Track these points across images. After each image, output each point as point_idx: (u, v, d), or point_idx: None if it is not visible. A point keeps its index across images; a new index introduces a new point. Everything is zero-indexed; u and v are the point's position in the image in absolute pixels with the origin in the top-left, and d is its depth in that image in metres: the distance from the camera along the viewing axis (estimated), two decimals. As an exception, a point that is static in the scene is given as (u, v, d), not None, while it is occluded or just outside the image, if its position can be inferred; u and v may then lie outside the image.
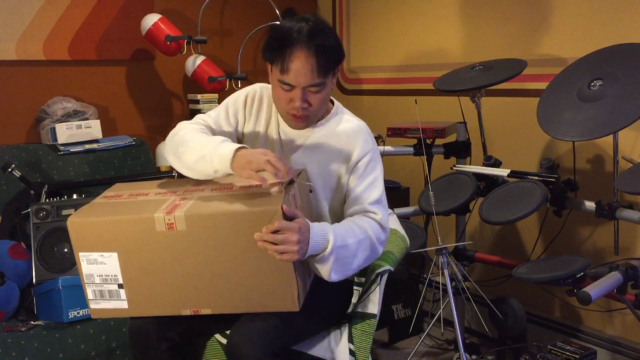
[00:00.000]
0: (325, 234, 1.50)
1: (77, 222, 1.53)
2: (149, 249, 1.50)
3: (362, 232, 1.60)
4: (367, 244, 1.60)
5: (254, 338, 1.51)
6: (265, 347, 1.50)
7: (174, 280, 1.52)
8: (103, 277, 1.55)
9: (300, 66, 1.55)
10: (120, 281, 1.54)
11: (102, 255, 1.53)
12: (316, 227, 1.49)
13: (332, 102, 1.78)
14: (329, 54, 1.58)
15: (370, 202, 1.66)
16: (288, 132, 1.74)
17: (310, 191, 1.67)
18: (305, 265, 1.55)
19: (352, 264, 1.58)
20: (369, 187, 1.68)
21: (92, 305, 1.59)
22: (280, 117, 1.73)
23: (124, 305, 1.57)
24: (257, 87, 1.78)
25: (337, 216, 1.74)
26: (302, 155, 1.72)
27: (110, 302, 1.57)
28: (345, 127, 1.73)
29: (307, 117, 1.65)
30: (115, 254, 1.52)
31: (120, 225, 1.50)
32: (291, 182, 1.52)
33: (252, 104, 1.76)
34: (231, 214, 1.45)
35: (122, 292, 1.55)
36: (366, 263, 1.64)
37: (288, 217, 1.43)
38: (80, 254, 1.54)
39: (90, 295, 1.58)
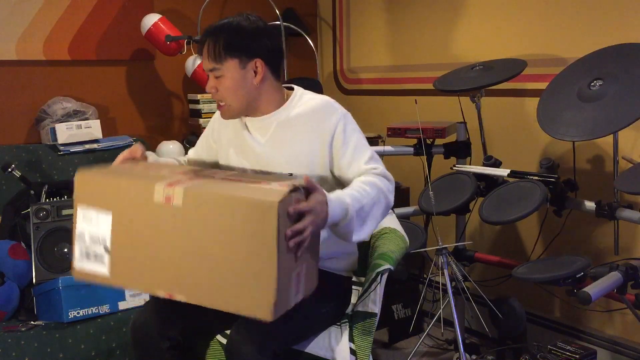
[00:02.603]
0: (342, 202, 1.50)
1: (84, 175, 1.53)
2: (141, 219, 1.47)
3: (372, 188, 1.60)
4: (381, 198, 1.61)
5: (253, 338, 1.51)
6: (264, 347, 1.51)
7: (157, 257, 1.47)
8: (93, 237, 1.51)
9: (204, 51, 1.69)
10: (108, 245, 1.50)
11: (97, 214, 1.50)
12: (333, 199, 1.49)
13: (292, 89, 1.79)
14: (225, 38, 1.65)
15: (365, 162, 1.67)
16: (253, 126, 1.76)
17: None
18: (295, 281, 1.49)
19: (370, 221, 1.60)
20: (356, 150, 1.68)
21: (76, 264, 1.54)
22: (245, 124, 1.78)
23: (105, 271, 1.51)
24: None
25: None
26: (276, 148, 1.72)
27: (94, 265, 1.52)
28: (307, 107, 1.73)
29: (222, 104, 1.71)
30: (110, 216, 1.49)
31: (122, 187, 1.49)
32: (297, 189, 1.47)
33: (213, 128, 1.88)
34: (227, 197, 1.42)
35: (107, 257, 1.50)
36: (382, 217, 1.66)
37: (308, 191, 1.45)
38: (79, 207, 1.52)
39: (77, 253, 1.53)
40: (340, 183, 1.72)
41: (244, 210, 1.39)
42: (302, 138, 1.70)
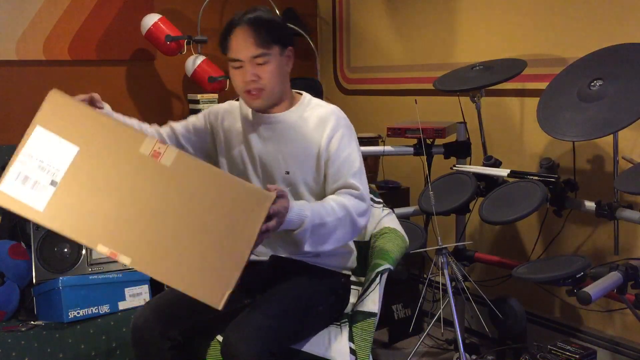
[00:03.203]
0: (301, 213, 1.55)
1: (62, 97, 1.38)
2: (114, 165, 1.35)
3: (341, 210, 1.64)
4: (347, 221, 1.65)
5: (249, 336, 1.51)
6: (261, 345, 1.50)
7: (114, 209, 1.35)
8: (42, 164, 1.34)
9: (242, 40, 1.67)
10: (58, 179, 1.33)
11: (60, 142, 1.34)
12: (295, 208, 1.54)
13: (301, 94, 1.84)
14: (266, 26, 1.67)
15: (351, 176, 1.70)
16: (259, 122, 1.78)
17: None
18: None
19: (329, 239, 1.64)
20: (345, 161, 1.71)
21: (3, 185, 1.34)
22: (248, 115, 1.79)
23: (39, 206, 1.33)
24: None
25: (320, 199, 1.75)
26: (275, 145, 1.76)
27: (26, 193, 1.33)
28: (315, 112, 1.78)
29: (261, 92, 1.70)
30: (75, 150, 1.34)
31: (106, 126, 1.37)
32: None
33: (218, 115, 1.87)
34: (223, 175, 1.43)
35: (50, 191, 1.33)
36: (348, 238, 1.71)
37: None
38: (39, 126, 1.35)
39: (10, 173, 1.34)
40: None
41: (238, 193, 1.37)
42: (304, 141, 1.74)
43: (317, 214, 1.58)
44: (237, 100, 1.88)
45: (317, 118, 1.76)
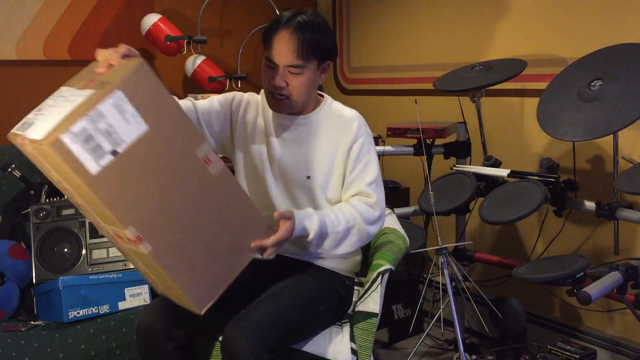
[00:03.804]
0: (306, 229, 1.60)
1: (147, 70, 1.32)
2: (172, 156, 1.35)
3: (351, 217, 1.66)
4: (356, 230, 1.68)
5: (248, 333, 1.50)
6: (259, 342, 1.50)
7: (157, 198, 1.35)
8: (111, 129, 1.25)
9: (283, 44, 1.63)
10: (120, 151, 1.26)
11: (135, 116, 1.27)
12: (299, 225, 1.59)
13: (322, 96, 1.82)
14: (313, 42, 1.64)
15: (366, 184, 1.71)
16: (280, 122, 1.77)
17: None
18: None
19: (337, 247, 1.68)
20: (364, 169, 1.73)
21: (65, 136, 1.21)
22: (269, 114, 1.78)
23: (93, 170, 1.24)
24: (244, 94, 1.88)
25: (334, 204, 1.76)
26: (296, 146, 1.75)
27: (86, 154, 1.23)
28: (337, 116, 1.77)
29: (285, 100, 1.68)
30: (145, 129, 1.28)
31: (178, 117, 1.36)
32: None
33: (241, 106, 1.83)
34: (248, 202, 1.53)
35: (108, 160, 1.25)
36: (358, 245, 1.74)
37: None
38: (119, 92, 1.25)
39: (78, 126, 1.22)
40: None
41: (251, 221, 1.51)
42: (325, 145, 1.74)
43: (324, 225, 1.62)
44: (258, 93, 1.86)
45: (339, 123, 1.75)
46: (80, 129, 1.22)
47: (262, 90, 1.79)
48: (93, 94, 1.27)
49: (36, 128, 1.29)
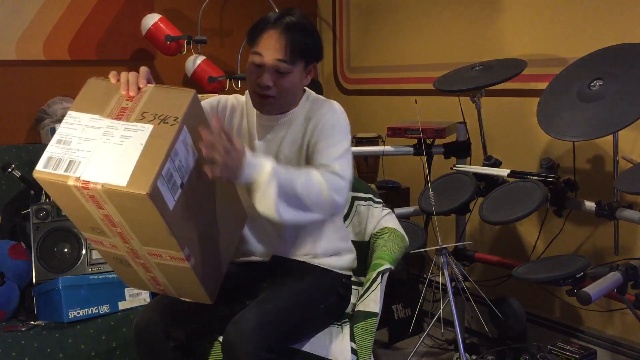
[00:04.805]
0: (261, 161, 1.46)
1: (198, 102, 1.37)
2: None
3: (315, 175, 1.54)
4: (319, 188, 1.53)
5: (248, 333, 1.50)
6: (260, 342, 1.50)
7: (200, 225, 1.48)
8: (182, 164, 1.30)
9: (270, 43, 1.62)
10: (185, 182, 1.34)
11: (192, 146, 1.32)
12: (250, 155, 1.45)
13: (304, 91, 1.79)
14: (300, 39, 1.63)
15: (332, 159, 1.61)
16: (263, 124, 1.75)
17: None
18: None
19: (303, 202, 1.51)
20: (332, 146, 1.64)
21: (157, 182, 1.24)
22: (253, 114, 1.76)
23: (170, 203, 1.29)
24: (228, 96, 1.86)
25: None
26: (276, 146, 1.73)
27: (168, 192, 1.28)
28: (311, 109, 1.74)
29: (271, 99, 1.66)
30: (197, 156, 1.34)
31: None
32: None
33: (227, 109, 1.81)
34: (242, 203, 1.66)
35: (178, 193, 1.31)
36: (322, 208, 1.55)
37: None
38: (185, 128, 1.31)
39: (164, 170, 1.25)
40: None
41: (242, 217, 1.69)
42: (299, 139, 1.72)
43: (280, 168, 1.50)
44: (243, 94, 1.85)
45: (313, 110, 1.72)
46: (166, 171, 1.26)
47: (247, 91, 1.79)
48: (157, 130, 1.28)
49: (99, 170, 1.27)
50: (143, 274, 1.54)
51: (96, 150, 1.29)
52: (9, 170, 2.41)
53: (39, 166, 1.29)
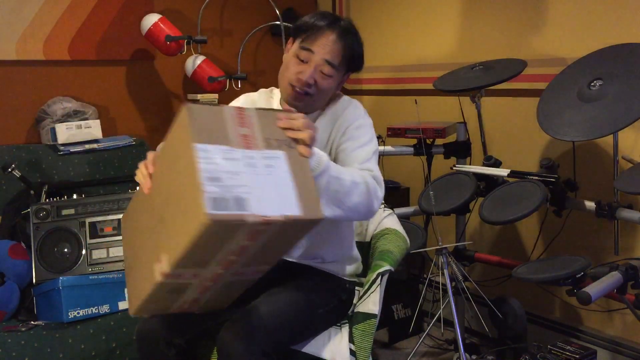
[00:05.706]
0: (320, 154, 1.44)
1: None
2: None
3: (360, 177, 1.53)
4: (364, 189, 1.52)
5: (244, 335, 1.49)
6: (255, 345, 1.48)
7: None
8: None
9: (328, 44, 1.64)
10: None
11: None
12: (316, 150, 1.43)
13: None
14: (352, 48, 1.68)
15: (363, 161, 1.64)
16: None
17: None
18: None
19: (345, 201, 1.50)
20: (361, 147, 1.67)
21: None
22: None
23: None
24: (243, 95, 1.86)
25: None
26: None
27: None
28: (338, 104, 1.77)
29: (307, 97, 1.67)
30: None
31: None
32: None
33: (253, 101, 1.82)
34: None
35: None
36: (359, 211, 1.55)
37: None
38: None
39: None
40: None
41: None
42: (322, 134, 1.71)
43: (334, 166, 1.49)
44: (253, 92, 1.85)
45: (337, 109, 1.75)
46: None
47: (260, 90, 1.79)
48: (288, 155, 1.33)
49: (266, 203, 1.23)
50: (189, 296, 1.46)
51: (251, 184, 1.25)
52: (9, 170, 2.41)
53: (209, 209, 1.17)
